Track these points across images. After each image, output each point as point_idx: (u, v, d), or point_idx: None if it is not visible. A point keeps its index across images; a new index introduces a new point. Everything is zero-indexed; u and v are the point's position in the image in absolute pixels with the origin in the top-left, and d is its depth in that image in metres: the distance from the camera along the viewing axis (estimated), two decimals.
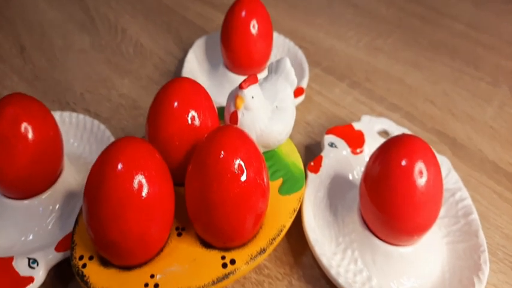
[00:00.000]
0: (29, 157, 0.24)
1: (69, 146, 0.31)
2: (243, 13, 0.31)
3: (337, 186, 0.27)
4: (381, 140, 0.29)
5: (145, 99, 0.36)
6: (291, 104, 0.25)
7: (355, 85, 0.37)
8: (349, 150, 0.28)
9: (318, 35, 0.43)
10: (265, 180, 0.21)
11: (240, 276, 0.22)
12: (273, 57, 0.37)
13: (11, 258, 0.23)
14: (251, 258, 0.22)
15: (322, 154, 0.28)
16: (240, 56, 0.32)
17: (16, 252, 0.24)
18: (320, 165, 0.27)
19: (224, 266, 0.21)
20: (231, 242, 0.22)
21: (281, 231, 0.23)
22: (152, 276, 0.21)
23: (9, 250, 0.25)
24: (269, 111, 0.24)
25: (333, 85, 0.37)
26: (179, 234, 0.23)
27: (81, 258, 0.22)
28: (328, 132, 0.29)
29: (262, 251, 0.22)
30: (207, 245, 0.22)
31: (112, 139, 0.30)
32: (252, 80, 0.22)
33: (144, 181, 0.19)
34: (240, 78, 0.34)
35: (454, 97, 0.37)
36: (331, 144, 0.28)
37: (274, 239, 0.22)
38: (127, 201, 0.19)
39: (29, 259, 0.23)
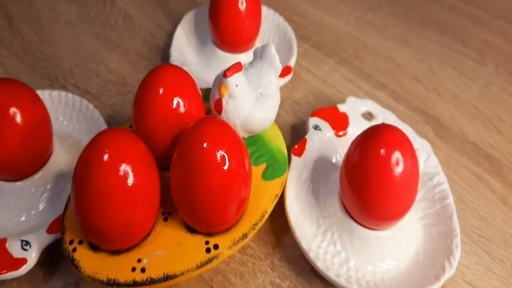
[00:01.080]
0: (19, 140, 0.25)
1: (58, 124, 0.31)
2: None
3: (320, 168, 0.28)
4: (365, 123, 0.29)
5: (134, 76, 0.36)
6: (275, 90, 0.25)
7: (344, 62, 0.37)
8: (332, 132, 0.29)
9: (309, 8, 0.42)
10: (247, 169, 0.22)
11: (222, 260, 0.23)
12: (262, 33, 0.36)
13: (4, 240, 0.24)
14: (234, 243, 0.23)
15: (307, 137, 0.28)
16: (228, 34, 0.32)
17: (9, 233, 0.25)
18: (304, 148, 0.28)
19: (208, 250, 0.22)
20: (214, 228, 0.23)
21: (263, 216, 0.24)
22: (139, 260, 0.22)
23: (1, 231, 0.26)
24: (253, 98, 0.24)
25: (321, 62, 0.37)
26: (165, 219, 0.24)
27: (71, 242, 0.23)
28: (313, 115, 0.29)
29: (245, 236, 0.23)
30: (191, 230, 0.23)
31: (101, 119, 0.30)
32: (236, 68, 0.22)
33: (129, 171, 0.20)
34: (228, 56, 0.33)
35: (440, 75, 0.37)
36: (316, 127, 0.28)
37: (256, 224, 0.23)
38: (112, 191, 0.20)
39: (22, 241, 0.24)
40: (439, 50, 0.39)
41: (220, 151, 0.21)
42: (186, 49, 0.35)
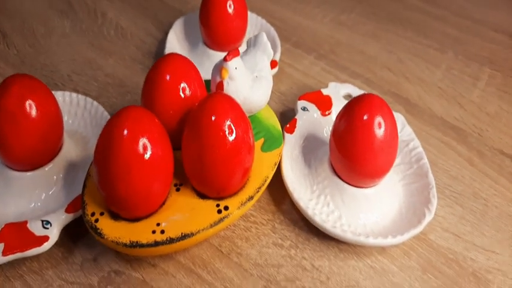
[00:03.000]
0: (35, 132, 0.27)
1: (64, 123, 0.33)
2: None
3: (309, 143, 0.31)
4: (345, 103, 0.33)
5: (130, 78, 0.38)
6: (268, 73, 0.28)
7: (322, 57, 0.41)
8: (319, 112, 0.32)
9: (287, 13, 0.47)
10: (251, 138, 0.25)
11: (233, 220, 0.26)
12: (247, 35, 0.40)
13: (25, 222, 0.26)
14: (241, 204, 0.26)
15: (296, 117, 0.32)
16: (219, 33, 0.35)
17: (27, 218, 0.27)
18: (295, 127, 0.31)
19: (219, 212, 0.25)
20: (224, 192, 0.25)
21: (265, 181, 0.27)
22: (158, 224, 0.24)
23: (19, 217, 0.27)
24: (250, 80, 0.27)
25: (302, 58, 0.41)
26: (177, 190, 0.26)
27: (93, 214, 0.25)
28: (300, 98, 0.33)
29: (250, 198, 0.26)
30: (202, 196, 0.26)
31: (106, 113, 0.32)
32: (234, 53, 0.26)
33: (147, 143, 0.22)
34: (219, 54, 0.37)
35: (407, 63, 0.42)
36: (304, 108, 0.32)
37: (259, 187, 0.26)
38: (133, 162, 0.22)
39: (43, 221, 0.26)
40: (405, 42, 0.44)
41: (228, 122, 0.24)
42: (178, 51, 0.38)
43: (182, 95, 0.26)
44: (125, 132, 0.22)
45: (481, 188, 0.32)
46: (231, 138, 0.24)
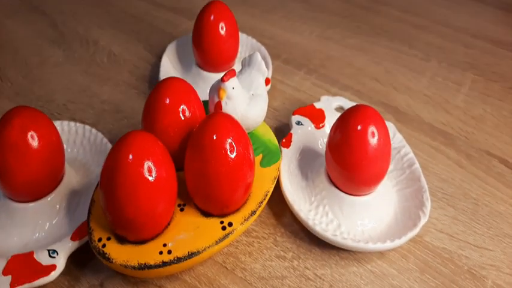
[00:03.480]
0: (38, 162, 0.27)
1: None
2: (212, 17, 0.35)
3: (305, 156, 0.32)
4: (339, 115, 0.34)
5: (126, 103, 0.39)
6: (264, 91, 0.29)
7: (312, 72, 0.43)
8: (313, 126, 0.33)
9: (276, 31, 0.48)
10: (251, 154, 0.26)
11: (237, 235, 0.26)
12: (238, 55, 0.41)
13: (31, 253, 0.26)
14: (245, 220, 0.26)
15: (292, 131, 0.33)
16: (212, 55, 0.36)
17: (31, 249, 0.27)
18: (291, 141, 0.32)
19: (223, 228, 0.26)
20: (227, 209, 0.26)
21: (266, 195, 0.28)
22: (165, 245, 0.25)
23: (24, 247, 0.28)
24: (247, 99, 0.28)
25: (292, 74, 0.42)
26: (181, 210, 0.27)
27: (99, 240, 0.25)
28: (294, 113, 0.34)
29: (253, 212, 0.27)
30: (206, 214, 0.26)
31: (105, 140, 0.33)
32: (231, 73, 0.27)
33: (152, 166, 0.23)
34: (213, 76, 0.38)
35: (394, 73, 0.43)
36: (298, 123, 0.33)
37: (261, 202, 0.27)
38: (139, 184, 0.23)
39: (49, 250, 0.26)
40: (391, 53, 0.46)
41: (229, 140, 0.24)
42: (173, 74, 0.39)
43: (182, 117, 0.27)
44: (130, 156, 0.23)
45: (471, 188, 0.33)
46: (233, 155, 0.24)
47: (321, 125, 0.33)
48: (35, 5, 0.52)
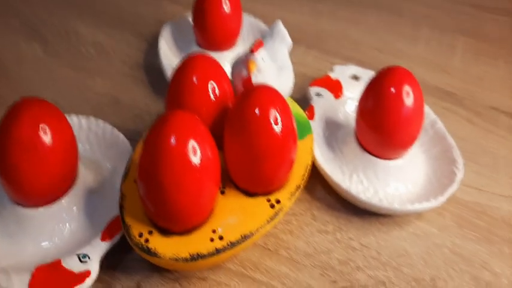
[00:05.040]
0: (52, 160, 0.25)
1: None
2: None
3: (329, 127, 0.32)
4: (355, 83, 0.34)
5: (124, 93, 0.37)
6: (289, 61, 0.28)
7: (311, 46, 0.42)
8: (332, 96, 0.33)
9: (266, 9, 0.47)
10: (295, 126, 0.25)
11: (286, 211, 0.25)
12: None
13: (58, 261, 0.24)
14: (291, 195, 0.25)
15: (312, 104, 0.32)
16: (216, 33, 0.35)
17: (53, 256, 0.25)
18: (313, 113, 0.31)
19: (272, 206, 0.25)
20: (272, 186, 0.25)
21: (307, 168, 0.27)
22: (214, 231, 0.24)
23: (44, 257, 0.25)
24: (276, 70, 0.27)
25: (293, 49, 0.40)
26: (222, 193, 0.26)
27: (140, 235, 0.23)
28: (311, 85, 0.33)
29: (298, 187, 0.26)
30: (250, 194, 0.25)
31: (116, 131, 0.30)
32: (260, 43, 0.25)
33: (197, 147, 0.22)
34: (216, 55, 0.36)
35: (390, 42, 0.44)
36: (317, 94, 0.32)
37: (304, 175, 0.26)
38: (185, 168, 0.21)
39: (79, 255, 0.24)
40: (383, 23, 0.47)
41: (274, 112, 0.23)
42: (173, 56, 0.37)
43: (212, 96, 0.26)
44: (173, 139, 0.21)
45: (487, 143, 0.34)
46: (278, 128, 0.23)
47: (340, 94, 0.33)
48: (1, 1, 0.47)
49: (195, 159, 0.22)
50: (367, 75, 0.34)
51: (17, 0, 0.47)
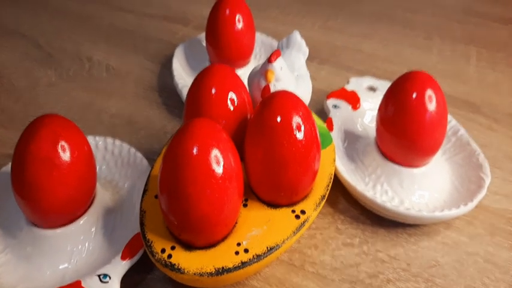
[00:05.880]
0: (73, 178, 0.24)
1: None
2: (227, 11, 0.34)
3: (348, 138, 0.31)
4: (372, 94, 0.34)
5: (139, 114, 0.37)
6: (306, 70, 0.28)
7: (324, 61, 0.43)
8: (349, 107, 0.32)
9: (278, 27, 0.48)
10: (318, 134, 0.24)
11: (311, 222, 0.24)
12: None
13: (78, 282, 0.23)
14: (316, 205, 0.25)
15: (330, 115, 0.32)
16: (229, 50, 0.35)
17: (71, 278, 0.24)
18: (332, 125, 0.31)
19: (297, 217, 0.24)
20: (296, 196, 0.24)
21: (330, 178, 0.26)
22: (238, 244, 0.23)
23: (62, 279, 0.25)
24: (294, 80, 0.27)
25: (306, 65, 0.42)
26: (245, 205, 0.25)
27: (163, 251, 0.22)
28: (328, 97, 0.33)
29: (323, 197, 0.25)
30: (273, 205, 0.24)
31: (133, 150, 0.30)
32: (278, 53, 0.25)
33: (220, 157, 0.21)
34: None
35: (403, 54, 0.44)
36: (335, 106, 0.32)
37: (328, 185, 0.26)
38: (209, 178, 0.20)
39: (99, 275, 0.23)
40: (395, 36, 0.47)
41: (297, 119, 0.22)
42: (187, 76, 0.38)
43: (231, 107, 0.25)
44: (195, 149, 0.21)
45: (509, 148, 0.33)
46: (301, 136, 0.23)
47: (357, 106, 0.33)
48: (11, 29, 0.48)
49: (218, 168, 0.21)
50: (383, 86, 0.34)
51: (27, 27, 0.48)
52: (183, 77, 0.37)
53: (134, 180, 0.29)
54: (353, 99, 0.33)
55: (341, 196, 0.30)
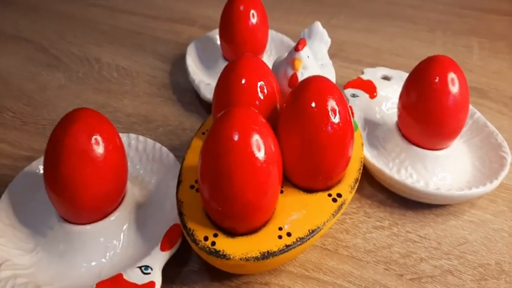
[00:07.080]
0: (108, 172, 0.24)
1: None
2: (242, 7, 0.34)
3: (368, 126, 0.32)
4: (387, 83, 0.34)
5: (154, 112, 0.37)
6: (329, 60, 0.29)
7: (333, 56, 0.43)
8: (367, 96, 0.33)
9: (284, 26, 0.49)
10: (351, 117, 0.24)
11: (348, 205, 0.25)
12: None
13: (119, 275, 0.23)
14: (351, 188, 0.25)
15: (350, 104, 0.32)
16: (243, 44, 0.35)
17: (107, 273, 0.24)
18: (353, 113, 0.32)
19: (334, 200, 0.24)
20: (332, 180, 0.25)
21: (361, 162, 0.27)
22: (280, 228, 0.23)
23: (98, 275, 0.24)
24: (319, 68, 0.27)
25: None
26: (281, 192, 0.25)
27: (206, 239, 0.22)
28: (346, 87, 0.34)
29: (357, 180, 0.26)
30: (309, 190, 0.25)
31: (158, 145, 0.30)
32: (304, 42, 0.26)
33: (260, 142, 0.21)
34: None
35: (409, 47, 0.46)
36: (353, 95, 0.33)
37: (360, 169, 0.26)
38: (253, 163, 0.21)
39: (140, 267, 0.23)
40: (399, 31, 0.49)
41: (332, 104, 0.23)
42: (201, 71, 0.38)
43: (261, 95, 0.25)
44: (236, 135, 0.21)
45: None
46: (337, 120, 0.23)
47: (374, 94, 0.33)
48: (13, 34, 0.47)
49: (260, 153, 0.21)
50: (397, 74, 0.35)
51: (29, 32, 0.48)
52: (197, 74, 0.37)
53: (161, 174, 0.29)
54: (370, 88, 0.34)
55: (366, 182, 0.30)
